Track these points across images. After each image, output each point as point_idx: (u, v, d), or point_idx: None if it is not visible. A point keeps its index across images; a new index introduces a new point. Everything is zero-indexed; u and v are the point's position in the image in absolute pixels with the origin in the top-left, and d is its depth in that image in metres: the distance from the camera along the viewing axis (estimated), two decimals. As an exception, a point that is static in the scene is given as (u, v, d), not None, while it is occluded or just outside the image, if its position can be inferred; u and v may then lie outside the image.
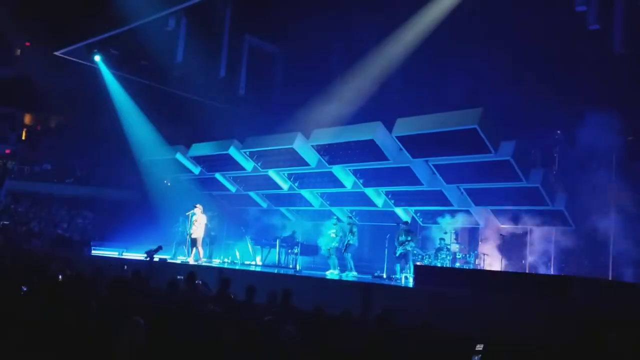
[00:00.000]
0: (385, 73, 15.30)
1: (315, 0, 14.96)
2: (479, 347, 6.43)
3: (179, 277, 10.87)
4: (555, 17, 12.35)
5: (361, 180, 14.90)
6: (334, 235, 14.28)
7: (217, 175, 18.28)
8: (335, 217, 15.42)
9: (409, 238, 13.47)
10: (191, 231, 15.54)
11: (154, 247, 13.38)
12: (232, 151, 16.57)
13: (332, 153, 14.64)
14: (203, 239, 15.83)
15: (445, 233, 14.00)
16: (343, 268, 14.01)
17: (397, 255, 13.52)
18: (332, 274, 13.78)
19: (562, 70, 12.99)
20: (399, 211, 15.22)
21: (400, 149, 13.31)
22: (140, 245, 15.24)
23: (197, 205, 15.75)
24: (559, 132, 13.72)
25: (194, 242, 15.51)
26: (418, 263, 13.17)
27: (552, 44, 12.99)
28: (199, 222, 15.56)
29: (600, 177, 12.08)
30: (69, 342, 5.15)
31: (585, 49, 12.31)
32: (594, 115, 11.80)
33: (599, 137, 12.00)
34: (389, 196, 15.03)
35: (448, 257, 13.44)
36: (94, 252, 17.54)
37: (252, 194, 18.36)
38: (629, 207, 11.85)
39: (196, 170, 18.59)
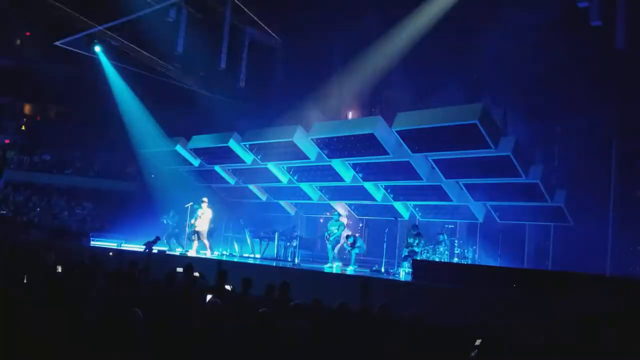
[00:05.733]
0: (386, 67, 15.25)
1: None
2: (478, 342, 6.44)
3: (177, 269, 10.86)
4: (558, 12, 12.29)
5: (360, 174, 14.89)
6: (335, 230, 14.22)
7: (217, 168, 18.28)
8: (336, 212, 15.37)
9: (417, 241, 13.46)
10: (196, 224, 15.53)
11: (152, 238, 13.33)
12: (232, 144, 16.55)
13: (332, 147, 14.61)
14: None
15: (444, 228, 13.96)
16: (345, 262, 14.05)
17: (404, 255, 13.49)
18: (330, 267, 13.79)
19: (563, 66, 12.95)
20: (398, 205, 15.24)
21: (400, 144, 13.29)
22: (139, 237, 15.22)
23: (204, 199, 15.77)
24: (558, 128, 13.72)
25: (198, 235, 15.50)
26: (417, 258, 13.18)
27: (553, 39, 12.94)
28: (205, 216, 15.57)
29: (600, 173, 12.10)
30: (67, 332, 5.16)
31: (587, 45, 12.27)
32: (594, 111, 11.79)
33: (599, 133, 11.99)
34: (388, 190, 15.04)
35: (446, 252, 13.46)
36: (93, 243, 17.56)
37: (251, 186, 18.36)
38: (627, 204, 11.87)
39: (196, 162, 18.57)
